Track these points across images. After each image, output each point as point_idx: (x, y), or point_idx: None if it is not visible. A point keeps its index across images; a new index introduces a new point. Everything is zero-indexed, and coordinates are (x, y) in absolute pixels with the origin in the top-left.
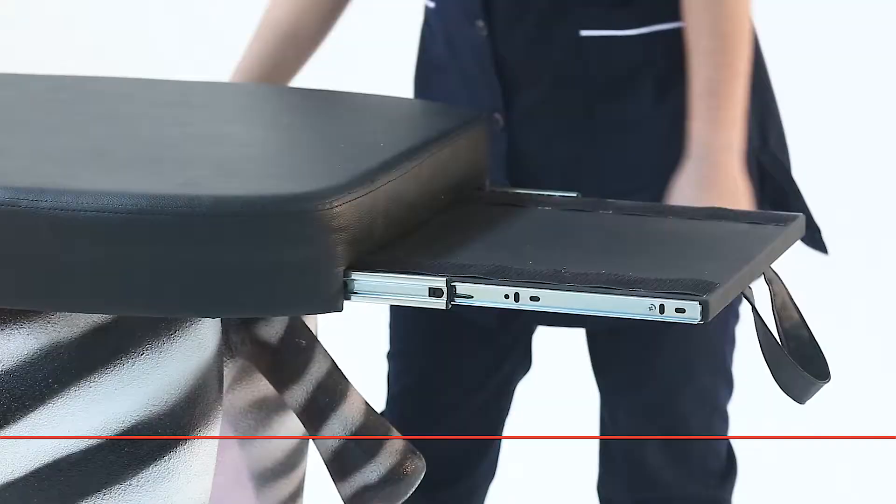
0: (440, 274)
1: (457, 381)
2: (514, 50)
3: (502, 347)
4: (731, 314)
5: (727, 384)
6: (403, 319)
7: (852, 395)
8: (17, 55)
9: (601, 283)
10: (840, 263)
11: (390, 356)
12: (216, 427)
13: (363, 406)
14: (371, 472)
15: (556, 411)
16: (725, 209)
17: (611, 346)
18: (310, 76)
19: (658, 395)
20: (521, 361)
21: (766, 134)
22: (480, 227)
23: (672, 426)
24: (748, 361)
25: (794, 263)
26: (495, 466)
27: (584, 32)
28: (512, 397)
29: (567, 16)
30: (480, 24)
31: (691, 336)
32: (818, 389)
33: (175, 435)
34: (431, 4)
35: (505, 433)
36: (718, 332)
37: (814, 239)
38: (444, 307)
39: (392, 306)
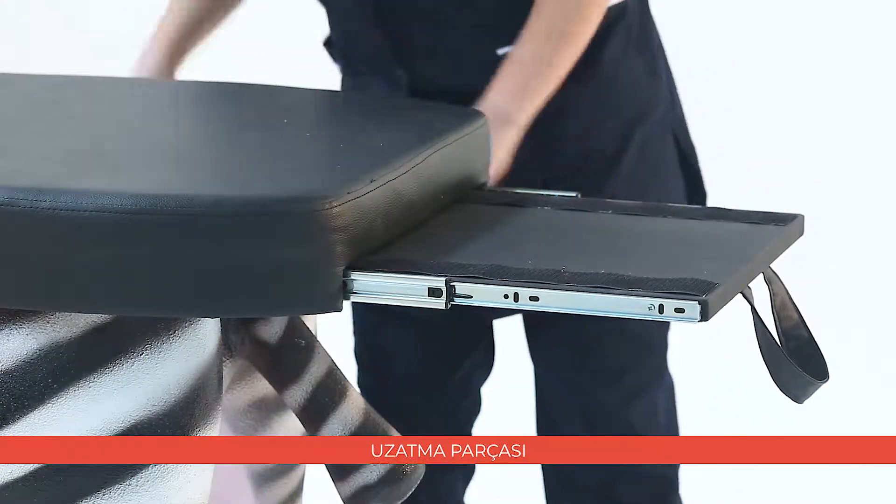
0: (439, 274)
1: (415, 382)
2: (434, 82)
3: (460, 345)
4: None
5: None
6: (363, 322)
7: (851, 394)
8: (17, 55)
9: (601, 283)
10: (840, 263)
11: (355, 359)
12: (216, 427)
13: (363, 406)
14: (370, 472)
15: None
16: (725, 209)
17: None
18: (309, 76)
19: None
20: (482, 360)
21: (675, 100)
22: (480, 227)
23: (607, 380)
24: (747, 361)
25: (793, 263)
26: (470, 470)
27: (502, 51)
28: (479, 399)
29: (485, 37)
30: (399, 72)
31: None
32: (816, 389)
33: (175, 435)
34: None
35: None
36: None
37: (694, 186)
38: (443, 307)
39: (354, 308)
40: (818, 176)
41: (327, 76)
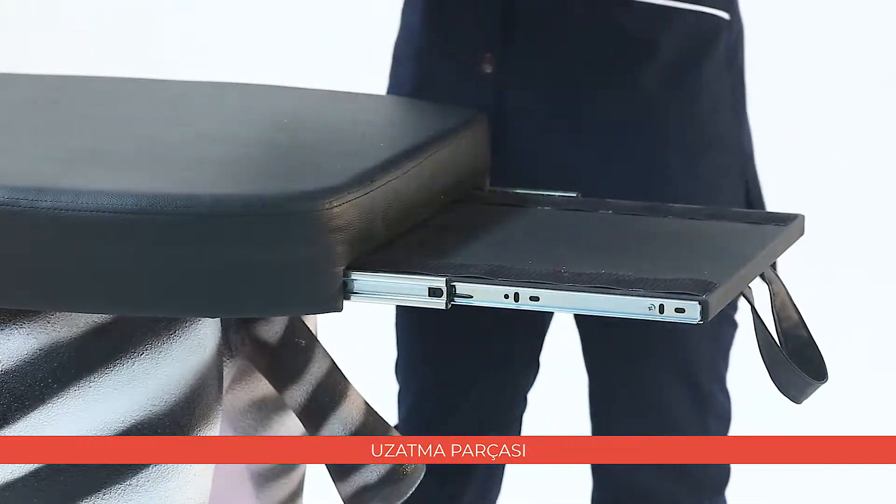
0: (440, 274)
1: (461, 385)
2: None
3: (506, 352)
4: (724, 323)
5: (722, 390)
6: (405, 328)
7: (851, 395)
8: (17, 55)
9: (601, 283)
10: (840, 263)
11: (396, 369)
12: (216, 427)
13: (363, 406)
14: (371, 472)
15: (563, 417)
16: (725, 209)
17: (603, 341)
18: (309, 76)
19: (649, 393)
20: (528, 366)
21: (751, 149)
22: (480, 227)
23: (667, 429)
24: (747, 361)
25: (793, 263)
26: (502, 472)
27: None
28: (524, 402)
29: None
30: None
31: (684, 338)
32: (815, 390)
33: (175, 435)
34: None
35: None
36: (711, 339)
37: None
38: (443, 307)
39: (397, 315)
40: (818, 176)
41: (329, 76)
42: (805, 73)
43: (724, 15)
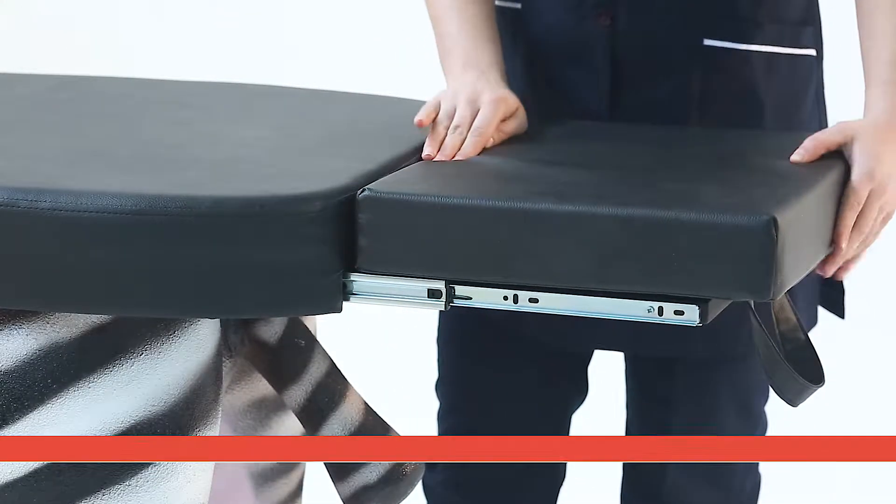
0: (439, 276)
1: (509, 413)
2: (634, 48)
3: (555, 375)
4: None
5: (755, 427)
6: (451, 346)
7: (847, 398)
8: (17, 55)
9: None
10: None
11: (437, 386)
12: (216, 427)
13: (362, 406)
14: (370, 473)
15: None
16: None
17: (647, 377)
18: (311, 76)
19: (705, 426)
20: (576, 389)
21: None
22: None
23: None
24: None
25: None
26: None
27: (708, 42)
28: (569, 428)
29: (691, 22)
30: (605, 19)
31: (745, 368)
32: (812, 393)
33: (174, 435)
34: (517, 5)
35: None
36: (751, 383)
37: (834, 302)
38: (442, 308)
39: (439, 334)
40: None
41: (330, 77)
42: None
43: (814, 53)
